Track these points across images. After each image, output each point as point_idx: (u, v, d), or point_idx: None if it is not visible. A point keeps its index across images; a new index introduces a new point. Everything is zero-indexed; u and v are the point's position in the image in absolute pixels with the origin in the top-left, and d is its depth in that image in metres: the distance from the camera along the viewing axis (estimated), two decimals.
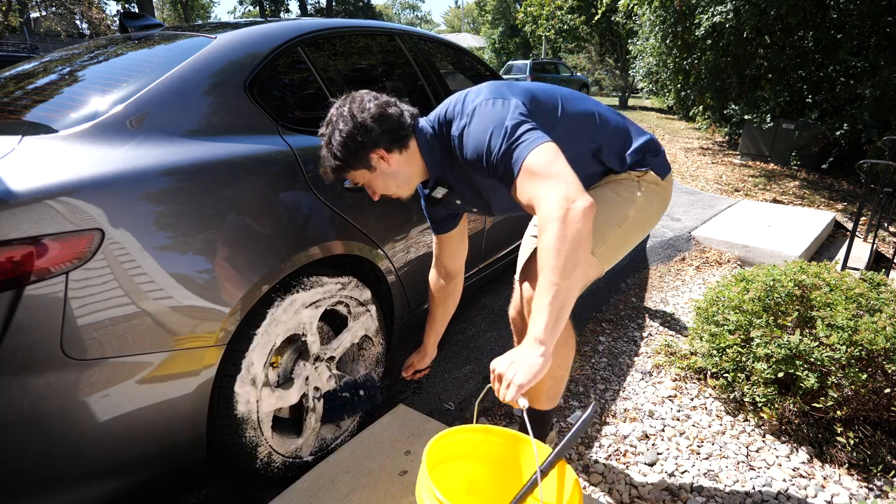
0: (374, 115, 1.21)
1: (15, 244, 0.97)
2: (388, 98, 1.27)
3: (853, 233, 3.23)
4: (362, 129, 1.20)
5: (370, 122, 1.20)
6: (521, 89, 1.29)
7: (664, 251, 3.67)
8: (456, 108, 1.27)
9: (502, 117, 1.16)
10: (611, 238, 1.36)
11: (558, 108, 1.31)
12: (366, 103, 1.22)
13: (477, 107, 1.21)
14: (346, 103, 1.24)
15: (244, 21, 1.89)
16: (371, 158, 1.24)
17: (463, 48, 2.74)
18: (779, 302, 1.97)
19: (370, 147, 1.22)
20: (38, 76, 1.69)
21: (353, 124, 1.20)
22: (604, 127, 1.37)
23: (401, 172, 1.30)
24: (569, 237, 1.00)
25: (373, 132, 1.21)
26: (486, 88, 1.28)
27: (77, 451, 1.10)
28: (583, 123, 1.35)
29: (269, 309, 1.38)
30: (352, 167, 1.25)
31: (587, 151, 1.36)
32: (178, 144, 1.28)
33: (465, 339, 2.43)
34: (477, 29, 48.06)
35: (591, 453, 1.74)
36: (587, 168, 1.37)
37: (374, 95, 1.26)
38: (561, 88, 1.41)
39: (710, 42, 7.53)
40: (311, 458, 1.58)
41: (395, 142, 1.24)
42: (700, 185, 5.90)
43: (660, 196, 1.43)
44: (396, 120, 1.24)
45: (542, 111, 1.27)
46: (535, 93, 1.31)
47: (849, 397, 1.68)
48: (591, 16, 14.17)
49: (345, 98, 1.26)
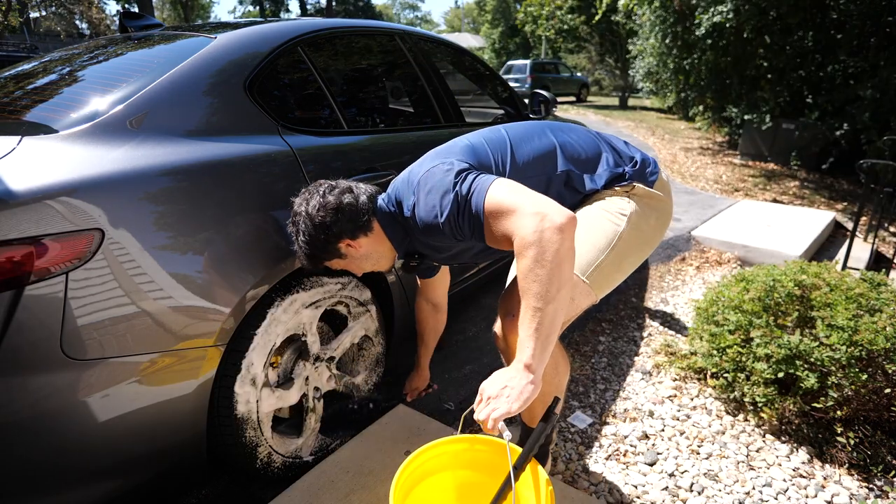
0: (331, 209, 1.23)
1: (15, 244, 0.97)
2: (343, 186, 1.28)
3: (853, 233, 3.23)
4: (322, 227, 1.23)
5: (329, 219, 1.23)
6: (461, 148, 1.29)
7: (664, 251, 3.67)
8: (403, 186, 1.27)
9: (446, 182, 1.15)
10: (604, 262, 1.26)
11: (507, 157, 1.29)
12: (322, 198, 1.24)
13: (420, 180, 1.21)
14: (303, 201, 1.26)
15: (244, 21, 1.89)
16: (339, 248, 1.28)
17: (463, 48, 2.74)
18: (779, 302, 1.97)
19: (335, 240, 1.26)
20: (38, 76, 1.69)
21: (312, 224, 1.23)
22: (568, 157, 1.33)
23: (372, 253, 1.33)
24: (547, 259, 0.97)
25: (333, 227, 1.24)
26: (428, 158, 1.30)
27: (77, 451, 1.10)
28: (540, 163, 1.31)
29: (269, 309, 1.38)
30: (324, 259, 1.30)
31: (554, 183, 1.32)
32: (178, 144, 1.28)
33: (465, 339, 2.43)
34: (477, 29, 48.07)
35: (591, 453, 1.74)
36: (561, 200, 1.25)
37: (330, 186, 1.27)
38: (511, 131, 1.37)
39: (710, 42, 7.53)
40: (311, 458, 1.58)
41: (358, 229, 1.27)
42: (700, 185, 5.90)
43: (657, 210, 1.35)
44: (354, 208, 1.25)
45: (488, 164, 1.26)
46: (479, 147, 1.30)
47: (849, 397, 1.68)
48: (591, 16, 14.18)
49: (303, 193, 1.29)
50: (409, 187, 1.25)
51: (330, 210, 1.23)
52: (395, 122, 2.35)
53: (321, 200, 1.24)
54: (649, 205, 1.34)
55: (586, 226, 1.27)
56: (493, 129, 1.40)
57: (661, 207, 1.37)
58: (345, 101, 1.89)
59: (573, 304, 1.23)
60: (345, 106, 1.85)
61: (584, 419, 1.90)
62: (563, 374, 1.35)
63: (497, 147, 1.31)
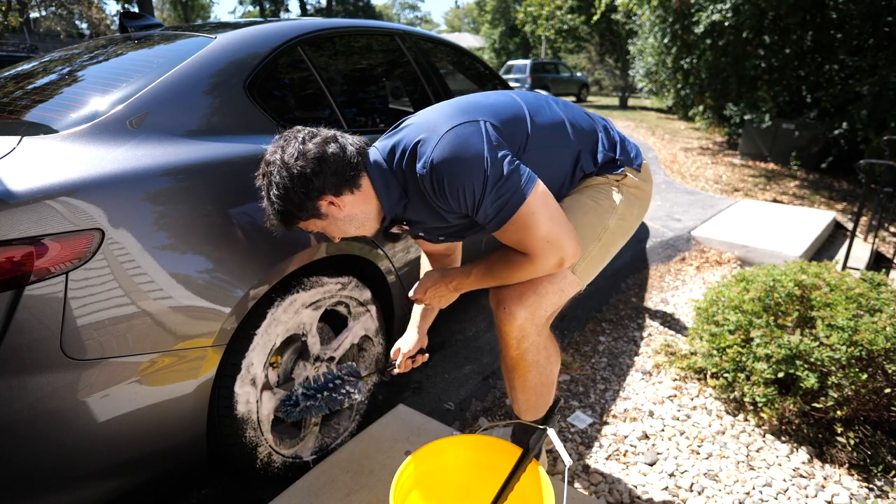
0: (313, 158, 1.05)
1: (15, 244, 0.97)
2: (327, 134, 1.11)
3: (853, 233, 3.23)
4: (301, 179, 1.05)
5: (310, 169, 1.05)
6: (487, 109, 1.16)
7: (664, 251, 3.67)
8: (418, 137, 1.10)
9: (478, 153, 1.04)
10: (591, 252, 1.29)
11: (527, 123, 1.20)
12: (302, 145, 1.07)
13: (444, 137, 1.06)
14: (277, 149, 1.09)
15: (244, 21, 1.89)
16: (319, 207, 1.10)
17: (463, 48, 2.74)
18: (779, 302, 1.97)
19: (315, 196, 1.08)
20: (38, 76, 1.69)
21: (289, 175, 1.05)
22: (575, 131, 1.28)
23: (357, 214, 1.15)
24: (528, 277, 1.18)
25: (315, 179, 1.06)
26: (450, 110, 1.14)
27: (77, 451, 1.10)
28: (554, 134, 1.25)
29: (269, 309, 1.38)
30: (300, 219, 1.11)
31: (564, 160, 1.27)
32: (178, 144, 1.28)
33: (465, 339, 2.43)
34: (477, 29, 48.06)
35: (591, 453, 1.74)
36: (564, 177, 1.29)
37: (311, 133, 1.11)
38: (524, 98, 1.29)
39: (710, 42, 7.54)
40: (311, 458, 1.58)
41: (344, 184, 1.09)
42: (700, 184, 5.90)
43: (640, 200, 1.36)
44: (341, 159, 1.08)
45: (513, 130, 1.16)
46: (502, 111, 1.18)
47: (849, 397, 1.68)
48: (590, 16, 14.17)
49: (277, 140, 1.12)
50: (427, 139, 1.07)
51: (311, 159, 1.05)
52: (395, 121, 2.34)
53: (300, 148, 1.06)
54: (635, 195, 1.34)
55: (577, 217, 1.26)
56: (505, 94, 1.29)
57: (644, 197, 1.37)
58: (345, 101, 1.89)
59: (562, 294, 1.25)
60: (345, 106, 1.85)
61: (584, 419, 1.90)
62: (554, 362, 1.36)
63: (516, 114, 1.21)
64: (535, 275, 1.17)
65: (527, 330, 1.23)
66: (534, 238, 1.09)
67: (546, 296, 1.22)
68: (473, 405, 1.97)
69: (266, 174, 1.10)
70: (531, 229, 1.08)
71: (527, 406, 1.38)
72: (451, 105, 1.18)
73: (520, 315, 1.21)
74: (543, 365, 1.31)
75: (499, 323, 1.25)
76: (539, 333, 1.27)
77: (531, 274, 1.16)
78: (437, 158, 1.05)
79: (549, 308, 1.24)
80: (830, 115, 6.67)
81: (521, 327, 1.22)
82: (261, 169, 1.12)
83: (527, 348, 1.26)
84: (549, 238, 1.09)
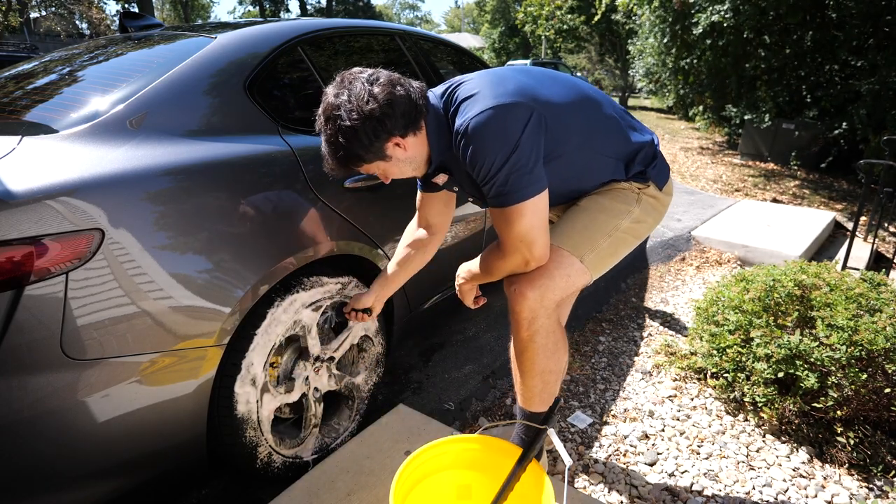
0: (384, 102, 1.08)
1: (15, 244, 0.97)
2: (390, 76, 1.14)
3: (853, 233, 3.23)
4: (372, 120, 1.08)
5: (381, 111, 1.08)
6: (546, 96, 1.17)
7: (664, 251, 3.67)
8: (471, 93, 1.15)
9: (512, 138, 1.09)
10: (601, 246, 1.32)
11: (579, 119, 1.24)
12: (370, 86, 1.09)
13: (492, 108, 1.09)
14: (342, 90, 1.10)
15: (244, 21, 1.89)
16: (386, 148, 1.15)
17: (462, 48, 2.74)
18: (779, 302, 1.97)
19: (385, 137, 1.12)
20: (38, 76, 1.69)
21: (360, 116, 1.07)
22: (620, 139, 1.31)
23: (416, 156, 1.22)
24: (501, 269, 1.27)
25: (386, 120, 1.09)
26: (514, 86, 1.15)
27: (77, 451, 1.10)
28: (599, 136, 1.28)
29: (269, 309, 1.38)
30: (365, 161, 1.16)
31: (602, 166, 1.31)
32: (179, 144, 1.28)
33: (465, 339, 2.43)
34: (477, 29, 48.06)
35: (591, 453, 1.74)
36: (590, 180, 1.33)
37: (374, 74, 1.13)
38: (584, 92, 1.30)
39: (710, 42, 7.54)
40: (312, 458, 1.58)
41: (410, 125, 1.15)
42: (700, 184, 5.90)
43: (657, 210, 1.40)
44: (407, 101, 1.12)
45: (561, 125, 1.20)
46: (561, 104, 1.20)
47: (849, 397, 1.68)
48: (590, 16, 14.19)
49: (340, 82, 1.13)
50: (475, 103, 1.11)
51: (382, 101, 1.08)
52: None
53: (368, 89, 1.08)
54: (653, 205, 1.38)
55: (593, 213, 1.33)
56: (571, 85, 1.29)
57: (661, 208, 1.41)
58: None
59: (568, 279, 1.28)
60: None
61: (584, 419, 1.90)
62: (562, 350, 1.37)
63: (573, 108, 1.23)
64: (505, 268, 1.26)
65: (537, 311, 1.26)
66: (511, 232, 1.17)
67: (555, 279, 1.26)
68: (473, 405, 1.97)
69: (332, 117, 1.10)
70: (512, 225, 1.16)
71: (532, 393, 1.38)
72: (515, 79, 1.19)
73: (530, 296, 1.24)
74: (552, 350, 1.33)
75: (512, 304, 1.29)
76: (548, 317, 1.29)
77: (502, 264, 1.25)
78: (475, 124, 1.10)
79: (558, 292, 1.27)
80: (830, 115, 6.67)
81: (532, 308, 1.26)
82: (323, 112, 1.13)
83: (537, 329, 1.28)
84: (523, 239, 1.17)
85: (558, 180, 1.26)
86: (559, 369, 1.38)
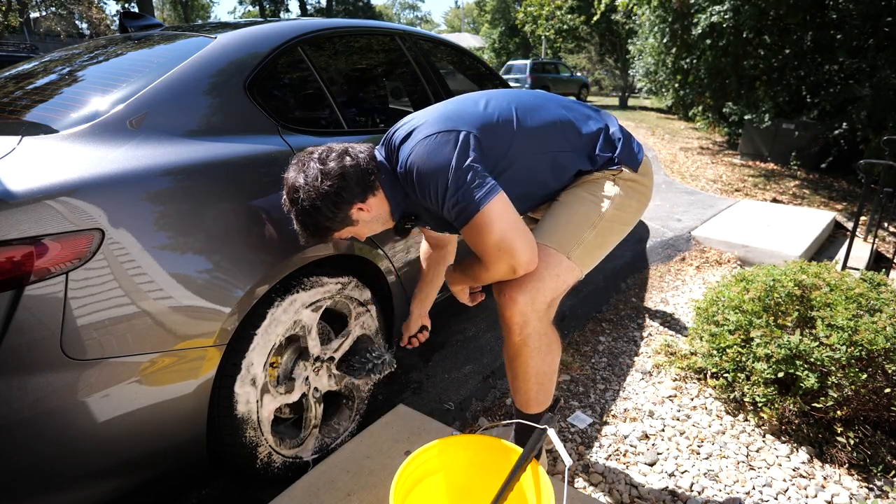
0: (336, 176, 1.17)
1: (15, 244, 0.97)
2: (339, 148, 1.23)
3: (853, 233, 3.23)
4: (331, 196, 1.17)
5: (337, 185, 1.17)
6: (473, 118, 1.24)
7: (664, 251, 3.67)
8: (402, 138, 1.23)
9: (445, 162, 1.14)
10: (587, 240, 1.31)
11: (513, 127, 1.27)
12: (322, 165, 1.18)
13: (420, 142, 1.18)
14: (298, 173, 1.19)
15: (244, 21, 1.89)
16: (351, 215, 1.23)
17: (463, 48, 2.74)
18: (779, 302, 1.97)
19: (346, 207, 1.21)
20: (38, 76, 1.69)
21: (318, 195, 1.16)
22: (570, 133, 1.33)
23: (381, 213, 1.29)
24: (486, 278, 1.27)
25: (343, 193, 1.18)
26: (438, 116, 1.23)
27: (77, 451, 1.10)
28: (546, 136, 1.31)
29: (269, 309, 1.38)
30: (334, 229, 1.25)
31: (557, 161, 1.32)
32: (179, 144, 1.28)
33: (465, 339, 2.43)
34: (477, 29, 48.06)
35: (591, 453, 1.74)
36: (558, 176, 1.34)
37: (324, 151, 1.21)
38: (519, 100, 1.34)
39: (710, 42, 7.54)
40: (312, 458, 1.58)
41: (367, 189, 1.23)
42: (700, 184, 5.90)
43: (639, 192, 1.38)
44: (357, 169, 1.20)
45: (497, 136, 1.24)
46: (489, 118, 1.26)
47: (849, 397, 1.68)
48: (590, 16, 14.18)
49: (294, 165, 1.22)
50: (407, 143, 1.20)
51: (335, 177, 1.17)
52: (395, 121, 2.34)
53: (321, 168, 1.18)
54: (633, 188, 1.36)
55: (572, 207, 1.33)
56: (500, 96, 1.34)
57: (642, 190, 1.40)
58: (345, 101, 1.89)
59: (558, 279, 1.28)
60: (345, 106, 1.85)
61: (584, 419, 1.90)
62: (555, 351, 1.38)
63: (503, 117, 1.28)
64: (491, 277, 1.26)
65: (528, 315, 1.26)
66: (485, 244, 1.19)
67: (544, 280, 1.25)
68: (473, 405, 1.97)
69: (294, 199, 1.20)
70: (483, 236, 1.18)
71: (528, 396, 1.39)
72: (441, 110, 1.28)
73: (521, 300, 1.24)
74: (545, 353, 1.33)
75: (502, 310, 1.29)
76: (540, 320, 1.29)
77: (488, 276, 1.26)
78: (410, 161, 1.19)
79: (549, 293, 1.27)
80: (830, 116, 6.67)
81: (523, 312, 1.25)
82: (287, 195, 1.22)
83: (529, 334, 1.29)
84: (500, 246, 1.18)
85: (524, 185, 1.29)
86: (554, 370, 1.39)
